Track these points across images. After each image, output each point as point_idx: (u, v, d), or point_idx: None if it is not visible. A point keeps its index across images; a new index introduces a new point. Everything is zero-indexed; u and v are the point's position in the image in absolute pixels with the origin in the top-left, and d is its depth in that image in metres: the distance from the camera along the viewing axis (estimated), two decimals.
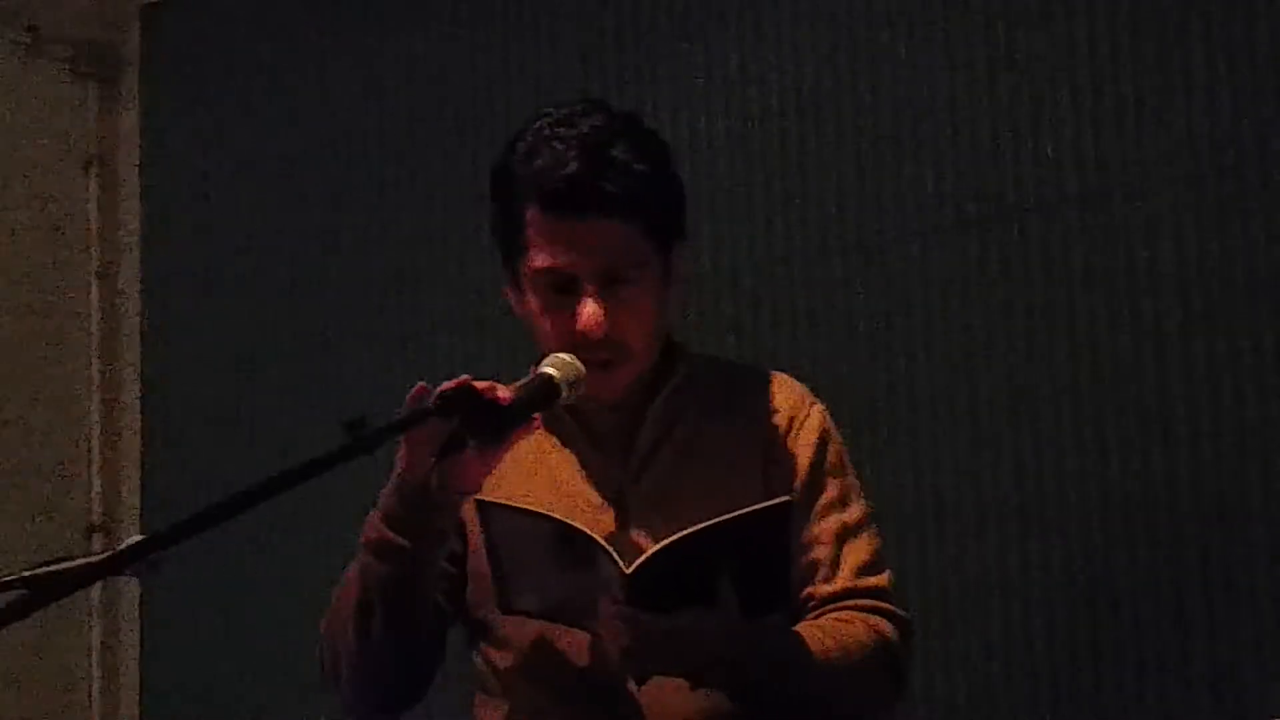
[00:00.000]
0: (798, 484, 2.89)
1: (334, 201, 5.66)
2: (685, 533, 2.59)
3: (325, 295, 5.60)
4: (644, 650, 2.63)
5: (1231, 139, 4.51)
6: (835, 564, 2.87)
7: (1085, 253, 4.71)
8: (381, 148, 5.55)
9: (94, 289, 6.01)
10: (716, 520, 2.63)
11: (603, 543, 2.57)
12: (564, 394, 2.70)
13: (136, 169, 6.09)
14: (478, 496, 2.68)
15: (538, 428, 2.75)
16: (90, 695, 5.88)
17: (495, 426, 2.62)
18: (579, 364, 2.73)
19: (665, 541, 2.57)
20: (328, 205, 5.67)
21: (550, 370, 2.70)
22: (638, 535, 2.78)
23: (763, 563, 2.68)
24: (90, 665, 5.89)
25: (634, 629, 2.59)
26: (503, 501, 2.67)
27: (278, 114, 5.81)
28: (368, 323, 5.38)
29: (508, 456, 2.70)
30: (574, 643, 2.77)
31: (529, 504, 2.69)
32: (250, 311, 5.77)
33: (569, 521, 2.61)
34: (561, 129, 2.81)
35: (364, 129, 5.60)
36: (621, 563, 2.53)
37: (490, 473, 2.69)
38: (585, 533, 2.59)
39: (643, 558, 2.54)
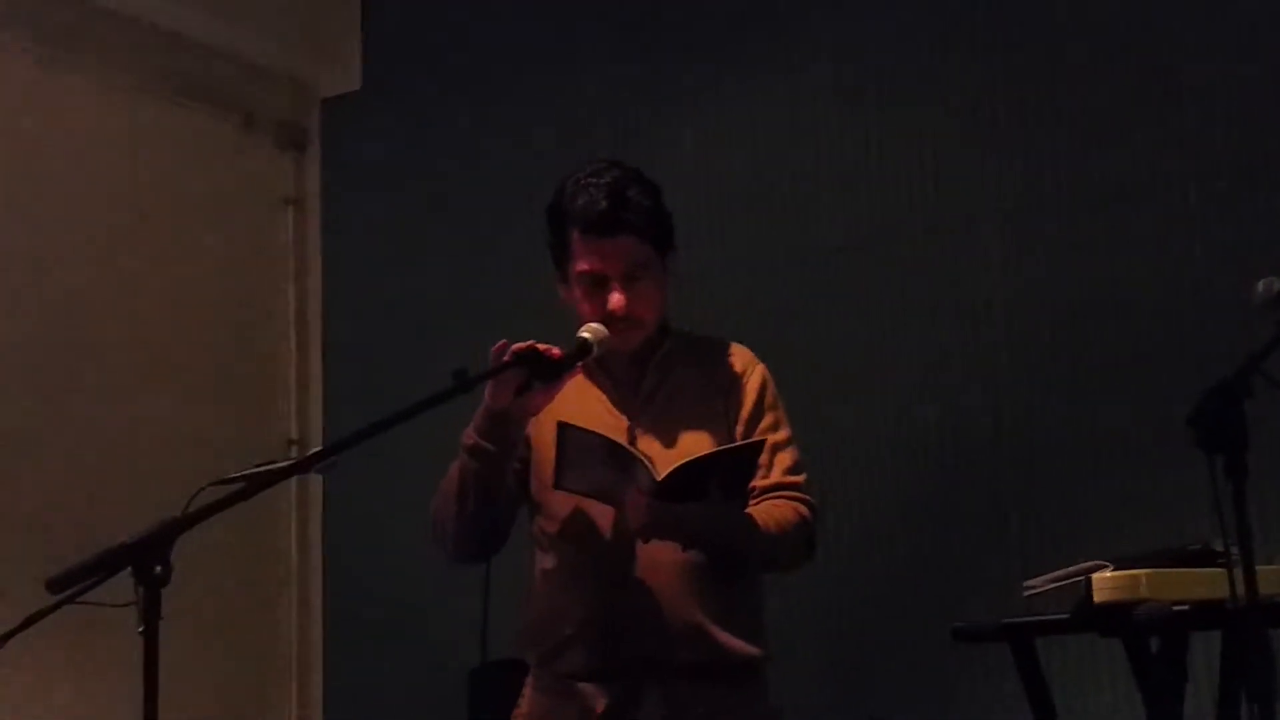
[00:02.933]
0: (745, 414, 2.93)
1: (461, 215, 5.71)
2: (696, 458, 2.71)
3: (453, 286, 5.65)
4: (657, 525, 2.70)
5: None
6: (770, 467, 2.91)
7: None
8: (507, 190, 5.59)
9: (291, 282, 5.98)
10: (717, 450, 2.78)
11: (641, 457, 2.66)
12: (594, 350, 2.80)
13: (320, 205, 6.07)
14: (558, 418, 2.73)
15: (579, 374, 2.85)
16: (290, 555, 5.84)
17: (552, 373, 2.73)
18: (604, 329, 2.82)
19: (683, 462, 2.68)
20: (455, 213, 5.72)
21: (585, 335, 2.81)
22: (645, 444, 2.83)
23: (739, 475, 2.79)
24: (290, 539, 5.84)
25: (654, 512, 2.67)
26: (573, 423, 2.72)
27: (408, 169, 5.84)
28: (481, 305, 5.43)
29: (560, 392, 2.78)
30: (602, 514, 2.82)
31: (581, 423, 2.74)
32: (402, 296, 5.80)
33: (618, 441, 2.72)
34: (593, 179, 2.89)
35: (492, 167, 5.64)
36: (653, 471, 2.62)
37: (549, 403, 2.77)
38: (630, 449, 2.70)
39: (669, 471, 2.64)
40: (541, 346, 2.72)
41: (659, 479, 2.63)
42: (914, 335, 4.73)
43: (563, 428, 2.70)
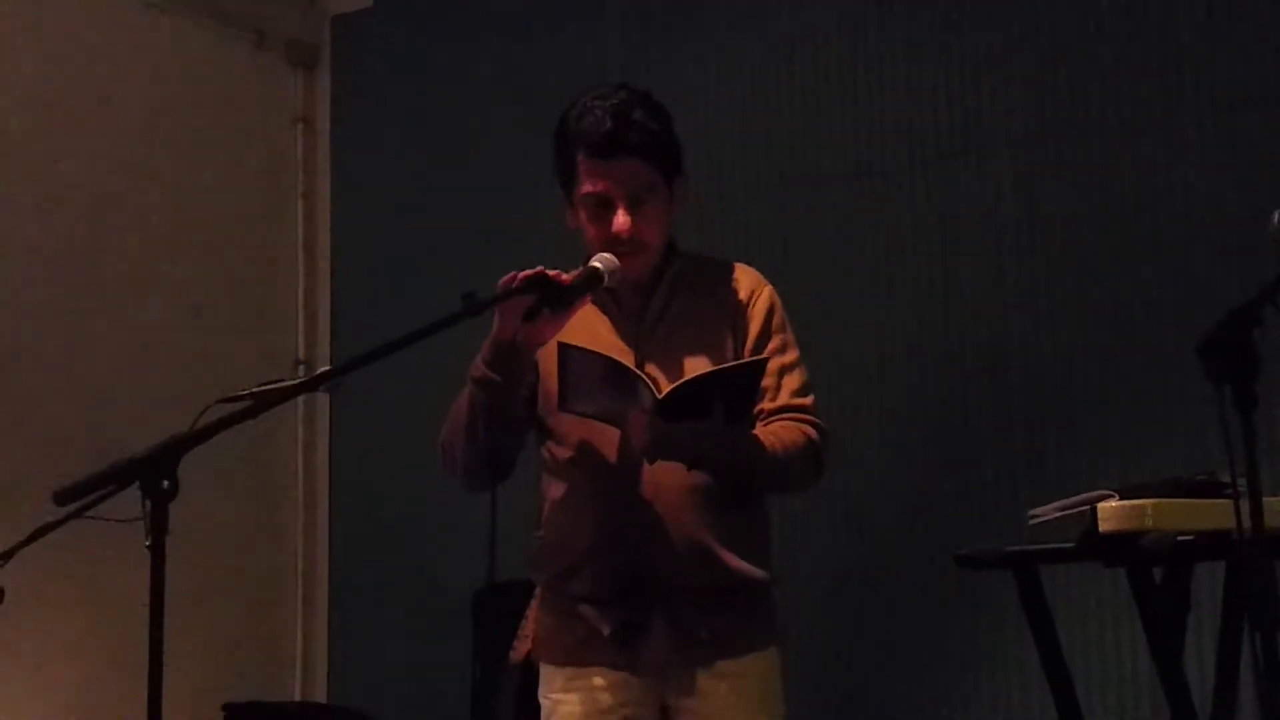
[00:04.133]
0: (753, 338, 2.92)
1: (471, 134, 5.68)
2: (697, 375, 2.70)
3: (462, 208, 5.64)
4: (661, 444, 2.70)
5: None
6: (777, 389, 2.90)
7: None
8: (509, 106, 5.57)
9: (300, 201, 5.96)
10: (718, 368, 2.76)
11: (643, 376, 2.66)
12: (605, 280, 2.78)
13: (329, 124, 6.06)
14: (558, 339, 2.72)
15: (588, 302, 2.83)
16: (296, 475, 5.85)
17: (562, 300, 2.71)
18: (616, 259, 2.80)
19: (684, 379, 2.68)
20: (465, 135, 5.69)
21: (596, 264, 2.78)
22: (651, 369, 2.81)
23: (743, 394, 2.77)
24: (296, 458, 5.85)
25: (656, 430, 2.67)
26: (576, 344, 2.71)
27: (422, 88, 5.82)
28: (490, 228, 5.43)
29: (569, 320, 2.77)
30: (608, 437, 2.82)
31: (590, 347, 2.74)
32: (410, 217, 5.79)
33: (619, 360, 2.70)
34: (599, 101, 2.86)
35: (496, 92, 5.64)
36: (655, 390, 2.61)
37: (557, 332, 2.75)
38: (630, 368, 2.69)
39: (669, 389, 2.64)
40: (551, 272, 2.70)
41: (659, 396, 2.62)
42: (923, 264, 4.72)
43: (564, 349, 2.69)
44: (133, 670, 2.34)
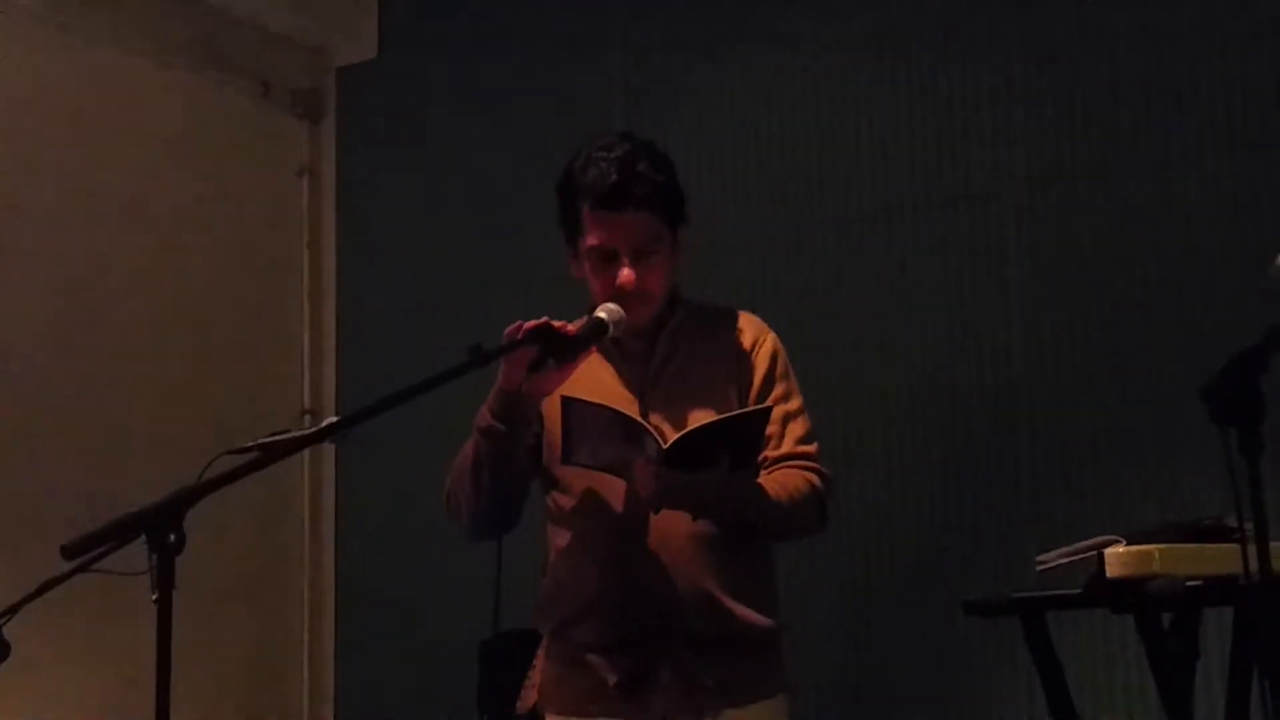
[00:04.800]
0: (756, 386, 2.92)
1: (474, 180, 5.70)
2: (702, 424, 2.70)
3: (467, 258, 5.65)
4: (666, 494, 2.70)
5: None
6: (781, 437, 2.90)
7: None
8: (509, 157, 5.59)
9: (305, 251, 5.98)
10: (723, 416, 2.76)
11: (648, 426, 2.65)
12: (610, 331, 2.78)
13: (335, 173, 6.07)
14: (560, 392, 2.72)
15: (594, 352, 2.84)
16: (302, 525, 5.85)
17: (567, 351, 2.70)
18: (621, 310, 2.80)
19: (689, 429, 2.68)
20: (470, 184, 5.71)
21: (602, 315, 2.78)
22: (655, 418, 2.82)
23: (747, 442, 2.78)
24: (302, 504, 5.85)
25: (661, 480, 2.67)
26: (580, 396, 2.71)
27: (427, 139, 5.84)
28: (494, 277, 5.45)
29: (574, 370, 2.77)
30: (613, 487, 2.81)
31: (593, 399, 2.73)
32: (415, 267, 5.80)
33: (624, 411, 2.70)
34: (604, 153, 2.86)
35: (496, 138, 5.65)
36: (660, 440, 2.61)
37: (563, 383, 2.75)
38: (635, 419, 2.69)
39: (675, 438, 2.63)
40: (556, 324, 2.70)
41: (665, 446, 2.62)
42: (930, 310, 4.72)
43: (566, 402, 2.69)
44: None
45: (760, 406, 2.84)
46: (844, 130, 4.95)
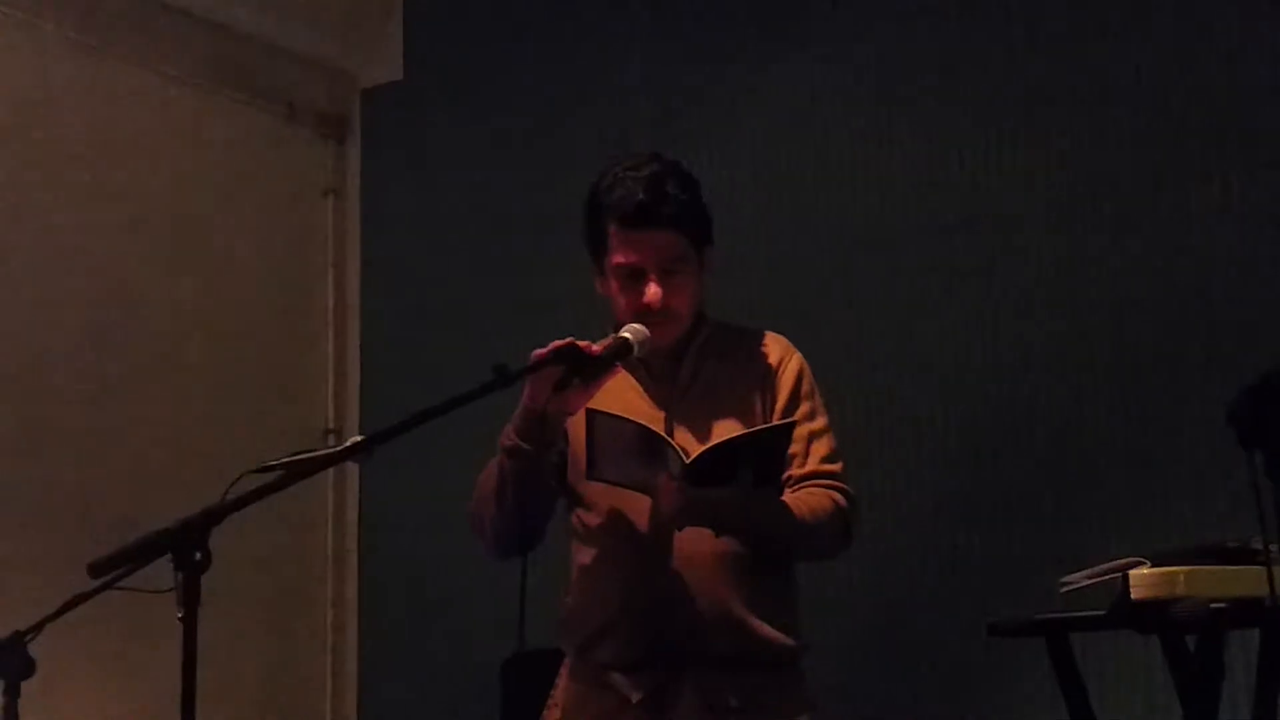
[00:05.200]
0: (781, 404, 2.92)
1: (491, 201, 5.72)
2: (726, 439, 2.70)
3: (491, 278, 5.66)
4: (690, 510, 2.70)
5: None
6: (806, 455, 2.90)
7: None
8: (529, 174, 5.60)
9: (329, 271, 6.00)
10: (746, 431, 2.76)
11: (671, 442, 2.65)
12: (635, 350, 2.79)
13: (359, 194, 6.09)
14: (588, 406, 2.72)
15: (619, 371, 2.84)
16: (325, 544, 5.86)
17: (591, 371, 2.71)
18: (645, 330, 2.80)
19: (712, 443, 2.68)
20: (494, 205, 5.71)
21: (627, 335, 2.79)
22: (680, 436, 2.81)
23: (771, 458, 2.77)
24: (326, 528, 5.86)
25: (685, 496, 2.67)
26: (606, 410, 2.71)
27: (452, 160, 5.85)
28: (517, 297, 5.46)
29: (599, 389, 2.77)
30: (637, 505, 2.81)
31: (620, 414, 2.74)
32: (439, 287, 5.81)
33: (649, 426, 2.70)
34: (631, 172, 2.87)
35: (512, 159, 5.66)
36: (684, 456, 2.61)
37: (587, 402, 2.75)
38: (659, 434, 2.69)
39: (697, 453, 2.63)
40: (581, 344, 2.71)
41: (687, 461, 2.62)
42: (953, 329, 4.71)
43: (592, 415, 2.69)
44: None
45: (784, 421, 2.84)
46: (869, 149, 4.94)
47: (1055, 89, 4.65)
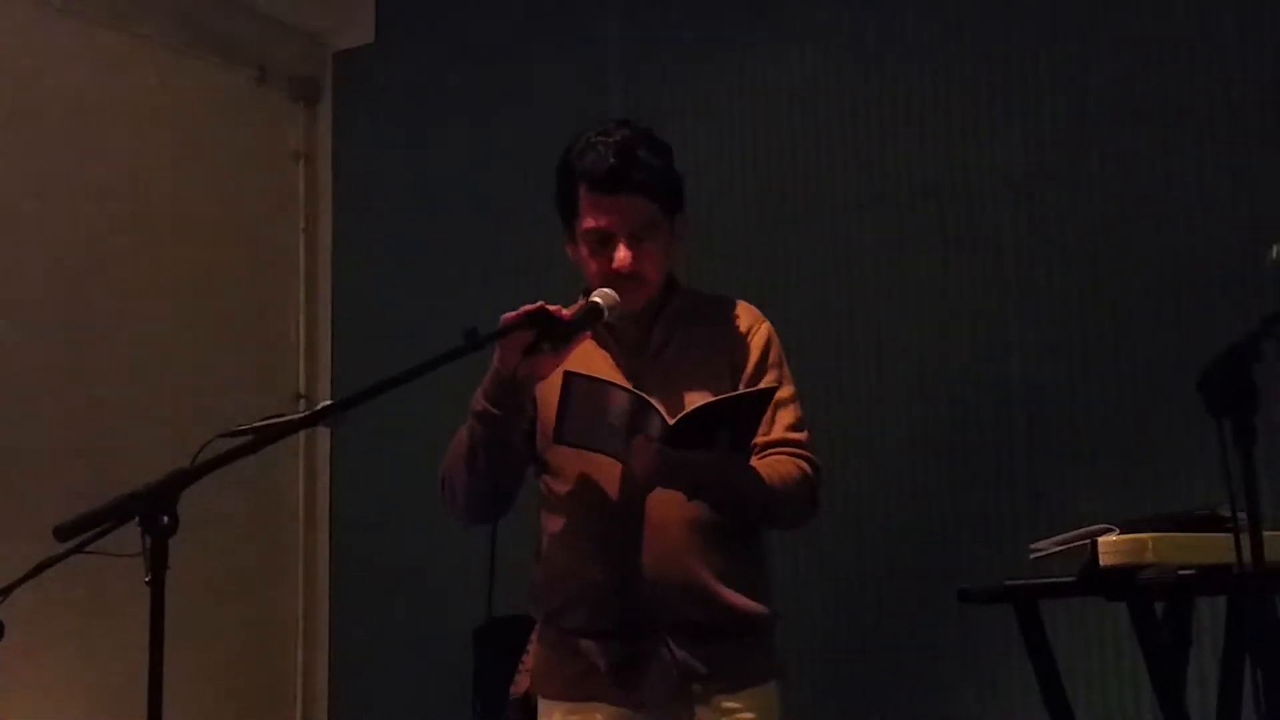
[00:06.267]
0: (749, 372, 2.91)
1: (463, 157, 5.70)
2: (709, 402, 2.69)
3: (463, 242, 5.65)
4: (667, 471, 2.69)
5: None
6: (772, 423, 2.90)
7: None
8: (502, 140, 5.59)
9: (301, 236, 5.98)
10: (728, 395, 2.76)
11: (654, 403, 2.64)
12: (605, 315, 2.78)
13: (331, 158, 6.09)
14: (564, 368, 2.71)
15: (588, 337, 2.84)
16: (297, 508, 5.86)
17: (562, 335, 2.70)
18: (615, 295, 2.80)
19: (697, 405, 2.67)
20: (466, 169, 5.70)
21: (597, 299, 2.78)
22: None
23: (748, 423, 2.77)
24: (297, 493, 5.86)
25: (663, 457, 2.66)
26: (584, 372, 2.71)
27: (424, 123, 5.84)
28: (490, 262, 5.45)
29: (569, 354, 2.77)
30: (607, 472, 2.81)
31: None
32: (411, 251, 5.81)
33: (632, 389, 2.68)
34: (603, 137, 2.87)
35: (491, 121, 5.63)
36: (667, 418, 2.61)
37: (557, 366, 2.75)
38: (643, 396, 2.67)
39: (682, 414, 2.63)
40: (552, 307, 2.70)
41: (671, 423, 2.62)
42: (926, 301, 4.72)
43: (569, 378, 2.68)
44: (133, 705, 2.33)
45: (765, 387, 2.84)
46: (842, 123, 4.94)
47: (1021, 67, 4.66)
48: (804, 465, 2.88)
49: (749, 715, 2.84)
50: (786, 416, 2.92)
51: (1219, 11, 4.39)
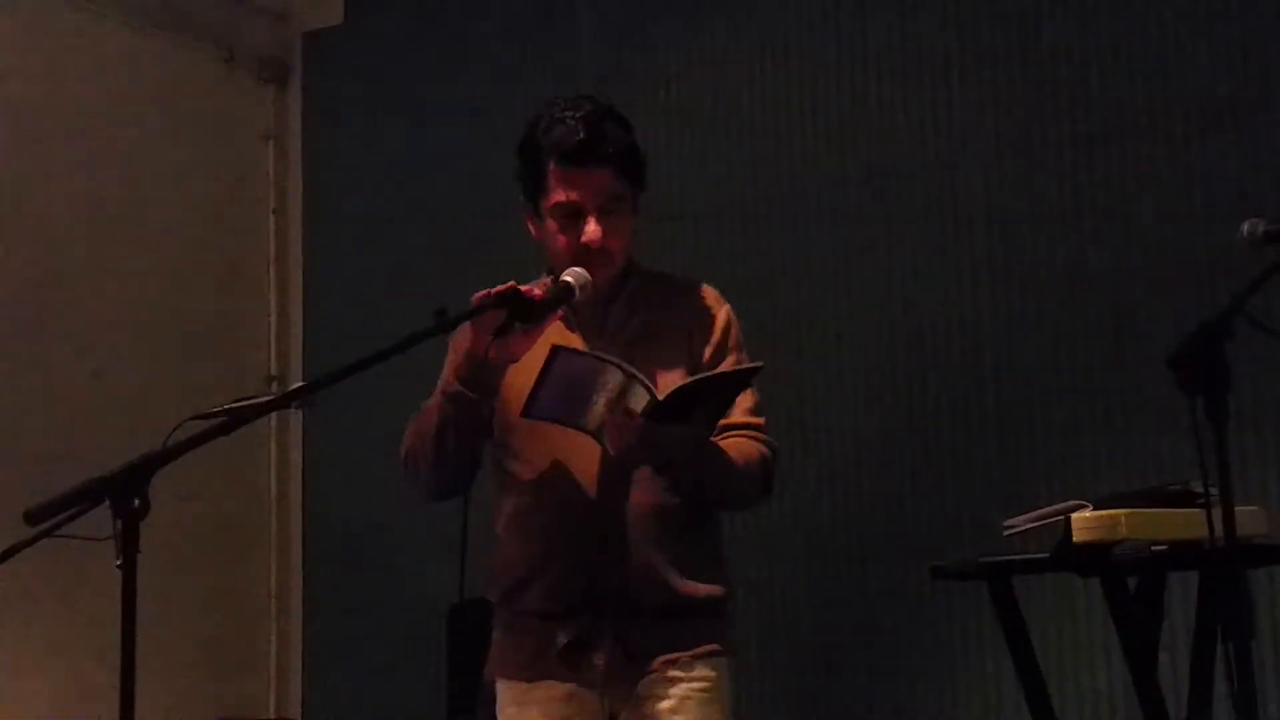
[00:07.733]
0: (709, 353, 2.91)
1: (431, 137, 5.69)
2: (696, 378, 2.72)
3: (433, 223, 5.63)
4: (645, 446, 2.70)
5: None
6: (732, 406, 2.88)
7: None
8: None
9: (270, 217, 5.96)
10: (714, 373, 2.80)
11: (644, 380, 2.64)
12: (576, 295, 2.76)
13: (300, 139, 6.07)
14: (553, 341, 2.69)
15: (560, 317, 2.83)
16: (269, 491, 5.85)
17: (534, 315, 2.69)
18: (586, 274, 2.78)
19: (683, 383, 2.68)
20: (436, 150, 5.68)
21: (569, 279, 2.76)
22: None
23: (722, 402, 2.79)
24: (269, 475, 5.86)
25: (645, 433, 2.66)
26: (573, 348, 2.70)
27: (393, 104, 5.82)
28: (459, 243, 5.44)
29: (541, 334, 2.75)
30: (566, 455, 2.81)
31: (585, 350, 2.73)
32: (381, 232, 5.79)
33: (620, 364, 2.66)
34: (569, 111, 2.85)
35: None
36: (656, 394, 2.61)
37: (530, 347, 2.73)
38: (634, 371, 2.66)
39: (667, 394, 2.63)
40: (523, 288, 2.69)
41: (660, 400, 2.61)
42: (896, 279, 4.73)
43: (555, 351, 2.65)
44: (106, 689, 2.32)
45: (750, 366, 2.84)
46: (809, 102, 4.94)
47: (990, 48, 4.66)
48: (763, 449, 2.89)
49: (697, 691, 2.83)
50: (746, 400, 2.92)
51: None
